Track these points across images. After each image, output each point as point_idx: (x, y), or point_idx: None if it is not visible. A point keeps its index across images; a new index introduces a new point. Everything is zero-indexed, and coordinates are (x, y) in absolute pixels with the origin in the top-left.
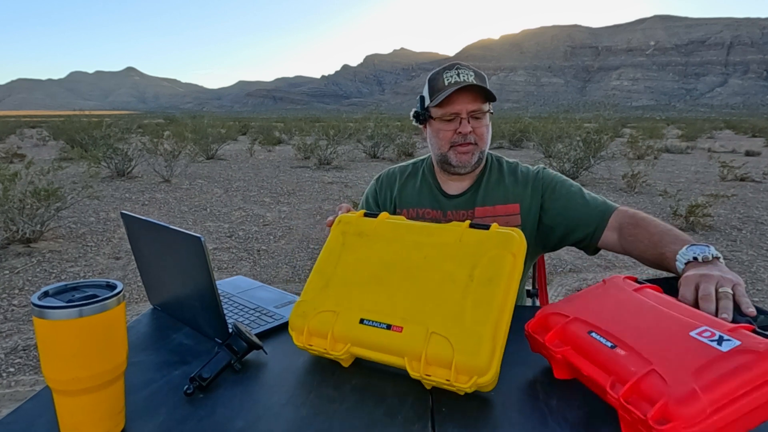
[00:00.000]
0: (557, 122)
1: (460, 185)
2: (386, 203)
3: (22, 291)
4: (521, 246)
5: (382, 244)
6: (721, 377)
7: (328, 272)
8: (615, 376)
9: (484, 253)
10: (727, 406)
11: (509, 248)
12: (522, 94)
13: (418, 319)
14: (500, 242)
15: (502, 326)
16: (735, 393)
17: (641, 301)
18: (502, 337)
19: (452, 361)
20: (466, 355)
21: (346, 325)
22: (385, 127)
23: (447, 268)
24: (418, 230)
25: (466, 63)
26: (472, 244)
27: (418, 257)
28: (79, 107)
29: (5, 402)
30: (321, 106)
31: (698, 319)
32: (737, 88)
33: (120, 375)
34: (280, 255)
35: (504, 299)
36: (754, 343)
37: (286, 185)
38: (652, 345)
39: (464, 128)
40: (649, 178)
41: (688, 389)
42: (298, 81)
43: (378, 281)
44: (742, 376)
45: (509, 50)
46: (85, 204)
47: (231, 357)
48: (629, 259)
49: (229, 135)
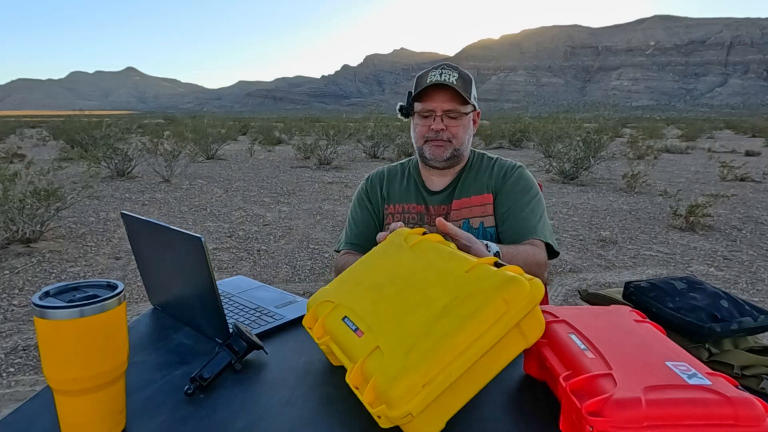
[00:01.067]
0: (557, 122)
1: (442, 181)
2: (377, 200)
3: (22, 291)
4: (521, 295)
5: (408, 258)
6: (672, 401)
7: (356, 269)
8: (573, 370)
9: (474, 290)
10: (666, 427)
11: (502, 292)
12: (522, 94)
13: (377, 331)
14: (496, 284)
15: (452, 373)
16: (679, 421)
17: (635, 328)
18: (442, 382)
19: (373, 378)
20: (384, 378)
21: (332, 319)
22: (385, 127)
23: (432, 293)
24: (444, 254)
25: (456, 65)
26: (474, 278)
27: (421, 277)
28: (79, 107)
29: (5, 402)
30: (321, 106)
31: (682, 357)
32: (737, 88)
33: (121, 375)
34: (280, 255)
35: (469, 346)
36: (725, 388)
37: (286, 185)
38: (622, 359)
39: (436, 125)
40: (649, 178)
41: (633, 396)
42: (298, 81)
43: (378, 288)
44: (695, 409)
45: (509, 50)
46: (85, 204)
47: (231, 357)
48: (629, 260)
49: (229, 135)
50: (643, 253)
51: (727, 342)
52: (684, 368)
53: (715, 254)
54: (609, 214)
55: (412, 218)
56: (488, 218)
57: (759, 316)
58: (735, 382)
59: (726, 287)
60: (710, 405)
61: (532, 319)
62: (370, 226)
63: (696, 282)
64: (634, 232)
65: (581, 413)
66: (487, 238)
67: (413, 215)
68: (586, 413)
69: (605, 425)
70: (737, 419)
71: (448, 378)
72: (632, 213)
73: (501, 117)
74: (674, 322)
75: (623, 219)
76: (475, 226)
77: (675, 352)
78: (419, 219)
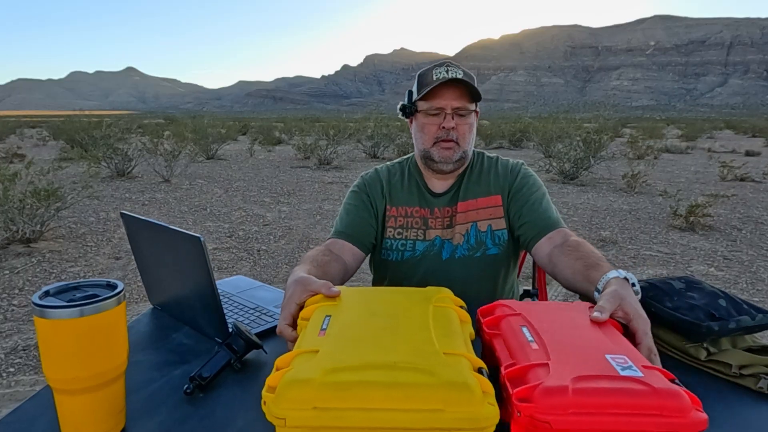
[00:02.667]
0: (557, 122)
1: (445, 183)
2: (378, 198)
3: (22, 291)
4: (462, 409)
5: (420, 308)
6: (599, 390)
7: (372, 291)
8: (515, 360)
9: (430, 370)
10: (591, 414)
11: (447, 392)
12: (522, 94)
13: (332, 340)
14: (451, 380)
15: (347, 419)
16: (603, 409)
17: (587, 323)
18: (332, 418)
19: (288, 369)
20: (292, 374)
21: (319, 311)
22: (385, 127)
23: (398, 346)
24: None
25: (457, 62)
26: (441, 362)
27: (407, 333)
28: (79, 107)
29: (5, 402)
30: (321, 106)
31: (624, 351)
32: (737, 88)
33: (120, 374)
34: (280, 255)
35: (383, 409)
36: (656, 381)
37: (286, 185)
38: (563, 350)
39: (448, 123)
40: (649, 178)
41: (561, 384)
42: (298, 81)
43: (373, 313)
44: (621, 398)
45: (509, 50)
46: (85, 204)
47: (231, 356)
48: (629, 260)
49: (229, 135)
50: (643, 253)
51: (726, 341)
52: (621, 361)
53: (715, 254)
54: (609, 214)
55: (416, 222)
56: (497, 221)
57: (757, 314)
58: (671, 376)
59: (726, 287)
60: (636, 395)
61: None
62: (364, 218)
63: (694, 281)
64: (634, 232)
65: (512, 399)
66: (495, 241)
67: (416, 219)
68: (515, 399)
69: (532, 410)
70: (662, 410)
71: (339, 420)
72: (632, 213)
73: (501, 117)
74: (672, 321)
75: (623, 219)
76: (483, 229)
77: (620, 346)
78: (423, 223)
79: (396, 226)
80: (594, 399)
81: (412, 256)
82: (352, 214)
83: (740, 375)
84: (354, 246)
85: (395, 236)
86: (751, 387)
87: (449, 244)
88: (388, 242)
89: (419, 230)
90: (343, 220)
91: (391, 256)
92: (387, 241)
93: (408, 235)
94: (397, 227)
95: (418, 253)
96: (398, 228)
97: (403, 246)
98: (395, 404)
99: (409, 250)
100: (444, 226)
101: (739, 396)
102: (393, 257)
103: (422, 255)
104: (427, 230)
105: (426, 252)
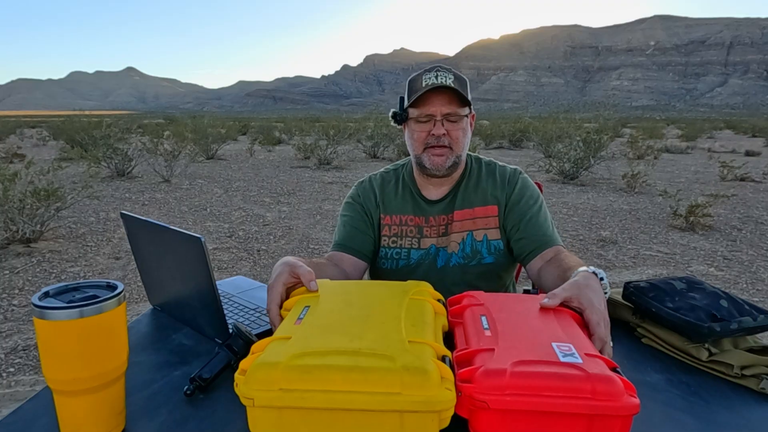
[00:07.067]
0: (557, 122)
1: (440, 190)
2: (372, 207)
3: (22, 291)
4: (419, 391)
5: (394, 300)
6: (536, 373)
7: (353, 284)
8: (468, 345)
9: (391, 355)
10: (526, 396)
11: (407, 375)
12: (522, 94)
13: (305, 328)
14: (410, 364)
15: (309, 400)
16: (539, 391)
17: (542, 313)
18: (296, 399)
19: (260, 353)
20: (264, 357)
21: (300, 303)
22: (385, 127)
23: (366, 334)
24: (415, 316)
25: (449, 66)
26: (404, 348)
27: (379, 320)
28: (79, 107)
29: (5, 402)
30: (321, 106)
31: (572, 340)
32: (737, 88)
33: (120, 375)
34: (280, 255)
35: (343, 392)
36: (594, 367)
37: (286, 185)
38: (512, 337)
39: (437, 130)
40: (649, 178)
41: (500, 367)
42: (298, 81)
43: (349, 304)
44: (555, 382)
45: (509, 50)
46: (85, 204)
47: (231, 357)
48: (629, 259)
49: (229, 135)
50: (643, 253)
51: (727, 341)
52: (565, 348)
53: (715, 254)
54: (609, 214)
55: (410, 231)
56: (492, 231)
57: (758, 315)
58: (614, 365)
59: (726, 287)
60: (570, 379)
61: (419, 423)
62: (361, 228)
63: (695, 282)
64: (634, 232)
65: (456, 380)
66: (491, 252)
67: (411, 227)
68: (458, 380)
69: (471, 390)
70: (594, 393)
71: (302, 401)
72: (632, 213)
73: (501, 117)
74: (674, 321)
75: (623, 219)
76: (479, 238)
77: (569, 336)
78: (418, 231)
79: (390, 234)
80: (530, 381)
81: (407, 265)
82: (348, 225)
83: (742, 375)
84: (353, 257)
85: (389, 245)
86: (753, 387)
87: (444, 252)
88: (382, 251)
89: (414, 238)
90: (340, 232)
91: (386, 264)
92: (382, 250)
93: (402, 244)
94: (391, 236)
95: (413, 261)
96: (392, 236)
97: (397, 254)
98: (355, 387)
99: (404, 259)
100: (439, 234)
101: (741, 396)
102: (388, 265)
103: (417, 263)
104: (422, 238)
105: (421, 260)
